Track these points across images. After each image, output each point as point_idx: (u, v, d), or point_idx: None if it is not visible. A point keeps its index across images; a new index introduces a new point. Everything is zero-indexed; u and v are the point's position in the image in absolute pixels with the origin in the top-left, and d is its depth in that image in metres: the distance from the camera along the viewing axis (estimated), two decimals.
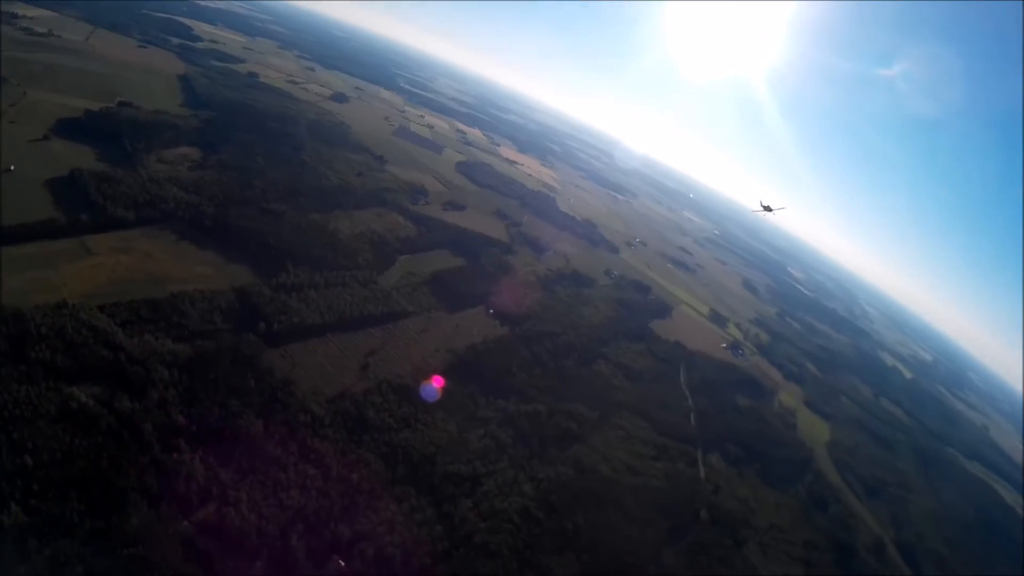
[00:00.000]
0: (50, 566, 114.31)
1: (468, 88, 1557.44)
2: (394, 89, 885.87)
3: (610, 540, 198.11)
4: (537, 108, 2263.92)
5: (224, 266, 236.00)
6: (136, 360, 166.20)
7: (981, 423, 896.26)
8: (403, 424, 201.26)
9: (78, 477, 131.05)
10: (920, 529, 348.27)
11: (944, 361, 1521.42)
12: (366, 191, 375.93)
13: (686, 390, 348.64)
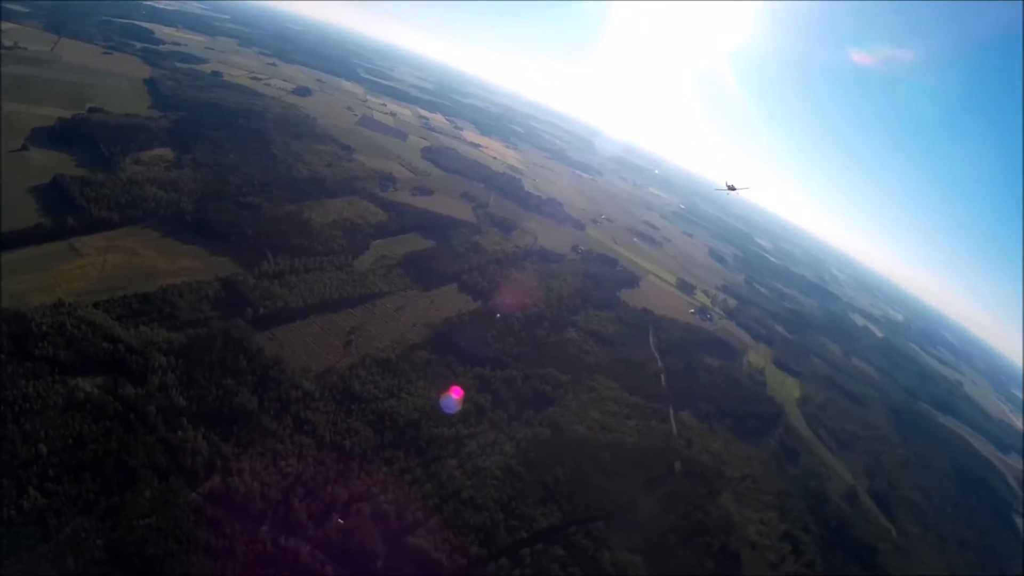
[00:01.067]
0: (71, 542, 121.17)
1: (428, 75, 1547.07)
2: (355, 80, 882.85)
3: (588, 491, 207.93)
4: (499, 92, 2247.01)
5: (208, 258, 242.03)
6: (134, 350, 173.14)
7: (955, 378, 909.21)
8: (388, 394, 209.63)
9: (90, 460, 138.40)
10: (893, 478, 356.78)
11: (916, 320, 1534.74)
12: (336, 180, 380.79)
13: (655, 352, 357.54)
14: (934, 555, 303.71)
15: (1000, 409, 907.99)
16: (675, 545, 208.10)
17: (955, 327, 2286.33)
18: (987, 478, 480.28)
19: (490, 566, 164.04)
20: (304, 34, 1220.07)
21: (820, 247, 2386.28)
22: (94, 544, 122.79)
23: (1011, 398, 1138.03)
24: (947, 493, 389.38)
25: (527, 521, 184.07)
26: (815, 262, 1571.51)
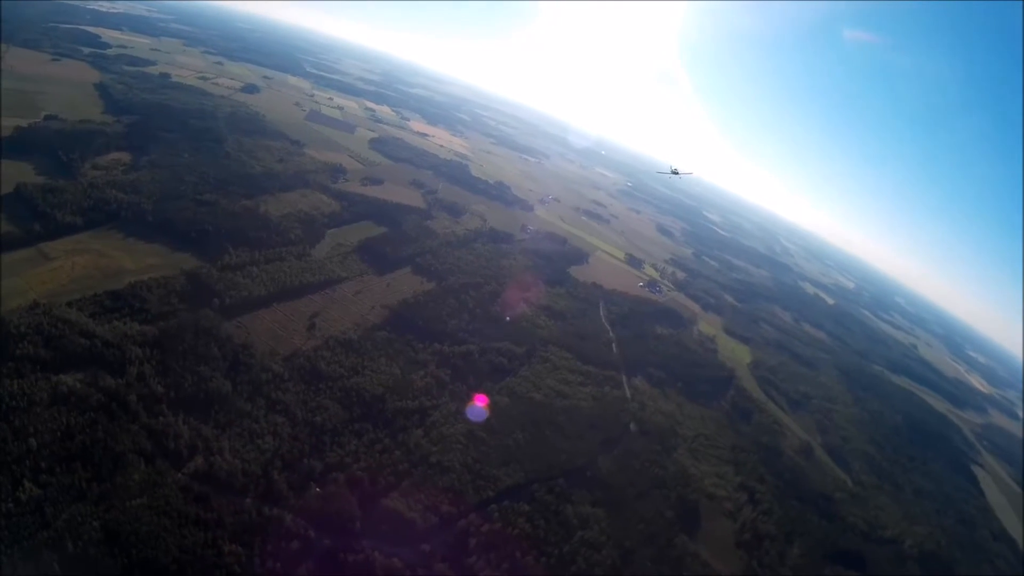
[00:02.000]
0: (69, 527, 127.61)
1: (374, 66, 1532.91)
2: (301, 75, 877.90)
3: (548, 452, 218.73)
4: (445, 80, 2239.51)
5: (171, 255, 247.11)
6: (111, 344, 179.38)
7: (909, 342, 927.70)
8: (353, 372, 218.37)
9: (79, 450, 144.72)
10: (846, 434, 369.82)
11: (868, 288, 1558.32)
12: (289, 174, 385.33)
13: (606, 324, 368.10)
14: (891, 502, 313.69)
15: (956, 369, 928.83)
16: (634, 498, 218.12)
17: (909, 293, 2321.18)
18: (943, 432, 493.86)
19: (460, 523, 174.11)
20: (249, 32, 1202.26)
21: (771, 220, 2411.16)
22: (91, 527, 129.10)
23: (966, 359, 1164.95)
24: (902, 446, 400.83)
25: (492, 481, 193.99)
26: (765, 234, 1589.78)
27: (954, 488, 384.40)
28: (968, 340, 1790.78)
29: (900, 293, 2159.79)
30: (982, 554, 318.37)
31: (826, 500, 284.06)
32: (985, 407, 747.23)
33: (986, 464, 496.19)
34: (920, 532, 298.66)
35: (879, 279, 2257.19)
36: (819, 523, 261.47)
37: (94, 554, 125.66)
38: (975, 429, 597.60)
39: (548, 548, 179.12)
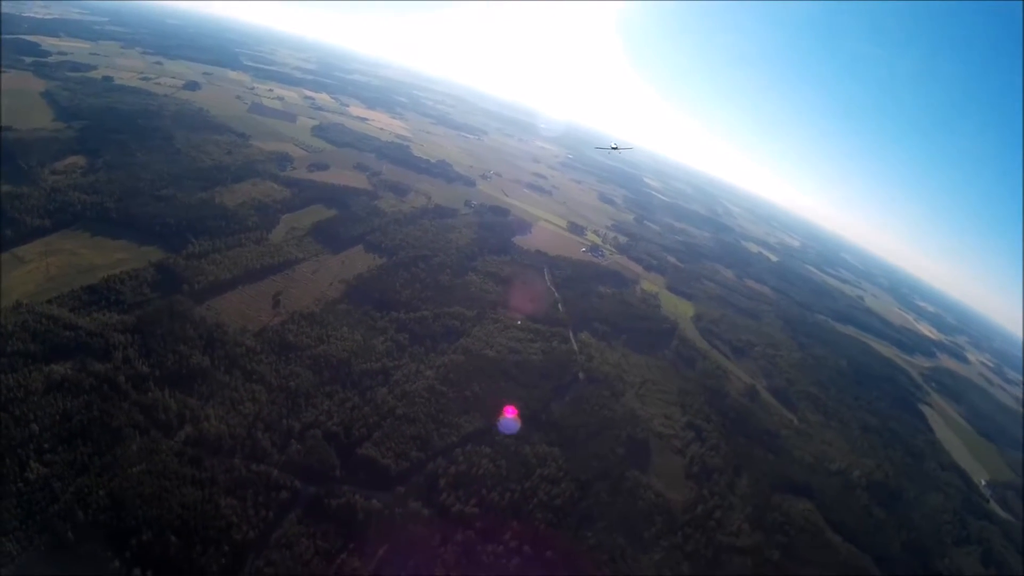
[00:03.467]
0: (77, 498, 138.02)
1: (309, 55, 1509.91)
2: (240, 68, 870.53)
3: (504, 401, 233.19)
4: (380, 64, 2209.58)
5: (138, 249, 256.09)
6: (94, 333, 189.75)
7: (855, 294, 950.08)
8: (319, 341, 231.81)
9: (78, 429, 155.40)
10: (791, 377, 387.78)
11: (815, 245, 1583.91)
12: (238, 166, 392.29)
13: (551, 287, 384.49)
14: (836, 437, 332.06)
15: (904, 318, 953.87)
16: (587, 438, 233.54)
17: (856, 250, 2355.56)
18: (889, 375, 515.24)
19: (429, 466, 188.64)
20: (181, 28, 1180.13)
21: (715, 185, 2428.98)
22: (97, 496, 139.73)
23: (915, 308, 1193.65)
24: (847, 387, 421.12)
25: (455, 428, 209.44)
26: (708, 198, 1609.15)
27: (901, 425, 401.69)
28: (916, 291, 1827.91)
29: (848, 250, 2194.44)
30: (931, 482, 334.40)
31: (772, 437, 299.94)
32: (934, 352, 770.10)
33: (934, 404, 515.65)
34: (868, 464, 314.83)
35: (826, 237, 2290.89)
36: (766, 457, 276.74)
37: (104, 519, 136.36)
38: (923, 372, 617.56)
39: (511, 484, 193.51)
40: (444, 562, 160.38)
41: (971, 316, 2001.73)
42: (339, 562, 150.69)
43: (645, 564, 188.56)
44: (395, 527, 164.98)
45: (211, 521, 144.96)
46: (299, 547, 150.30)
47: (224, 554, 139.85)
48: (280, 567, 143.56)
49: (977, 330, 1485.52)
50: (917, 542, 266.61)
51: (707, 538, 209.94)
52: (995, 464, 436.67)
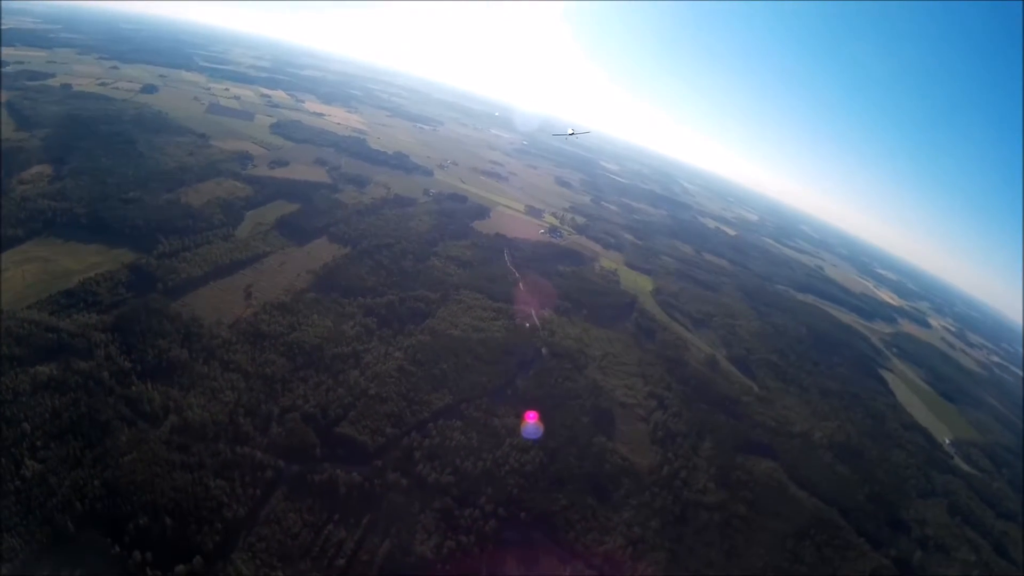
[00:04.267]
0: (74, 490, 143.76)
1: (262, 53, 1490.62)
2: (195, 70, 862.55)
3: (472, 377, 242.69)
4: (333, 59, 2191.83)
5: (110, 252, 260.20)
6: (75, 334, 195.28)
7: (814, 264, 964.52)
8: (291, 329, 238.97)
9: (68, 425, 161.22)
10: (750, 346, 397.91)
11: (772, 219, 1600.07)
12: (201, 166, 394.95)
13: (511, 267, 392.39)
14: (797, 402, 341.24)
15: (864, 286, 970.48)
16: (553, 408, 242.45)
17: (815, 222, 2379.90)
18: (849, 341, 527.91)
19: (404, 440, 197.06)
20: (135, 32, 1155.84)
21: (671, 165, 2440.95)
22: (93, 486, 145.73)
23: (875, 276, 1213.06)
24: (806, 354, 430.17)
25: (426, 405, 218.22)
26: (665, 178, 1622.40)
27: (862, 388, 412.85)
28: (877, 260, 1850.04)
29: (807, 222, 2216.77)
30: (893, 441, 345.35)
31: (733, 403, 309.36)
32: (895, 318, 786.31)
33: (895, 368, 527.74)
34: (829, 426, 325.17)
35: (785, 211, 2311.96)
36: (728, 422, 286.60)
37: (101, 508, 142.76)
38: (884, 338, 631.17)
39: (483, 454, 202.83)
40: (424, 527, 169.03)
41: (933, 282, 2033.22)
42: (326, 533, 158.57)
43: (616, 522, 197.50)
44: (376, 498, 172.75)
45: (203, 502, 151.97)
46: (287, 522, 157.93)
47: (217, 532, 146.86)
48: (271, 541, 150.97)
49: (939, 296, 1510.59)
50: (881, 495, 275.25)
51: (674, 496, 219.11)
52: (958, 424, 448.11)
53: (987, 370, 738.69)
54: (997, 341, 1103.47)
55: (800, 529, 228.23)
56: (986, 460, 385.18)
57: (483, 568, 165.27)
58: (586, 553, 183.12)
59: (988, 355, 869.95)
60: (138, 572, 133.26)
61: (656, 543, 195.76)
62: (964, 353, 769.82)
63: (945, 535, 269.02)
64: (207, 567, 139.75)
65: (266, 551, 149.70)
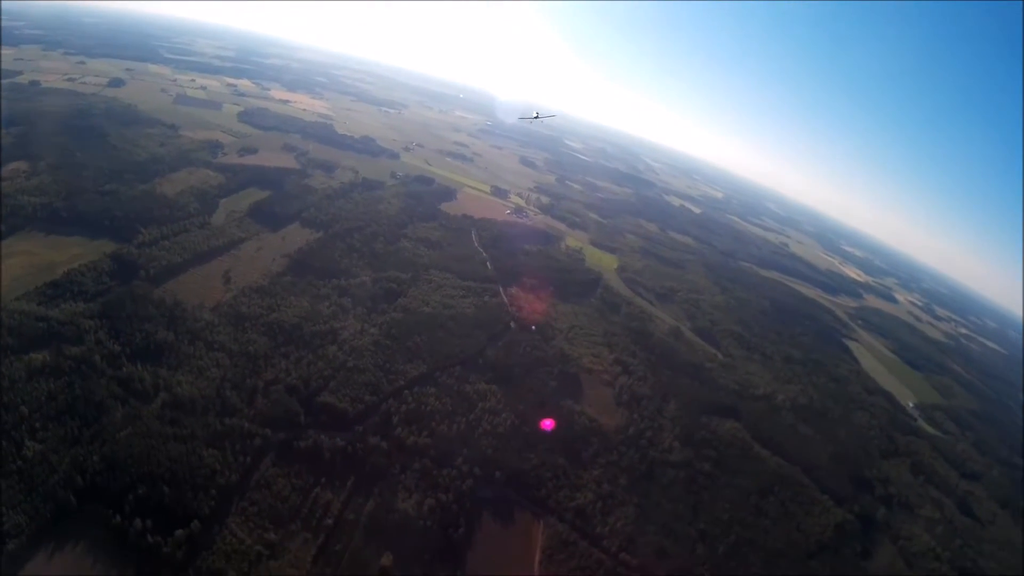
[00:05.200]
0: (73, 466, 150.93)
1: (226, 43, 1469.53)
2: (160, 62, 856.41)
3: (444, 348, 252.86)
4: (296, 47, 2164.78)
5: (91, 243, 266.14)
6: (64, 322, 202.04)
7: (780, 241, 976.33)
8: (270, 310, 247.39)
9: (65, 407, 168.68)
10: (714, 318, 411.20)
11: (738, 196, 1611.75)
12: (173, 157, 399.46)
13: (479, 247, 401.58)
14: (760, 368, 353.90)
15: (830, 262, 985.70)
16: (522, 375, 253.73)
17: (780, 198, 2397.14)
18: (813, 313, 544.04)
19: (383, 407, 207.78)
20: (98, 26, 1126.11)
21: (637, 143, 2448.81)
22: (92, 461, 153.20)
23: (842, 253, 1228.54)
24: (769, 325, 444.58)
25: (401, 374, 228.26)
26: (630, 156, 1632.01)
27: (825, 356, 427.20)
28: (844, 237, 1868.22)
29: (774, 199, 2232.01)
30: (856, 404, 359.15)
31: (697, 369, 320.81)
32: (860, 293, 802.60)
33: (860, 338, 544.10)
34: (792, 390, 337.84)
35: (750, 189, 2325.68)
36: (692, 385, 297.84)
37: (101, 482, 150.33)
38: (849, 311, 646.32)
39: (457, 418, 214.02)
40: (405, 487, 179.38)
41: (901, 259, 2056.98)
42: (313, 495, 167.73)
43: (586, 479, 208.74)
44: (358, 461, 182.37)
45: (197, 470, 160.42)
46: (277, 486, 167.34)
47: (212, 497, 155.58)
48: (262, 505, 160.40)
49: (907, 272, 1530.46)
50: (844, 455, 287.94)
51: (641, 455, 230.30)
52: (923, 389, 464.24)
53: (954, 340, 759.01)
54: (965, 314, 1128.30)
55: (764, 486, 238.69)
56: (951, 423, 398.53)
57: (462, 523, 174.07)
58: (558, 508, 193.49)
59: (956, 327, 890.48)
60: (139, 539, 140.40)
61: (624, 499, 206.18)
62: (931, 325, 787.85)
63: (909, 493, 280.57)
64: (204, 531, 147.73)
65: (258, 514, 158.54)
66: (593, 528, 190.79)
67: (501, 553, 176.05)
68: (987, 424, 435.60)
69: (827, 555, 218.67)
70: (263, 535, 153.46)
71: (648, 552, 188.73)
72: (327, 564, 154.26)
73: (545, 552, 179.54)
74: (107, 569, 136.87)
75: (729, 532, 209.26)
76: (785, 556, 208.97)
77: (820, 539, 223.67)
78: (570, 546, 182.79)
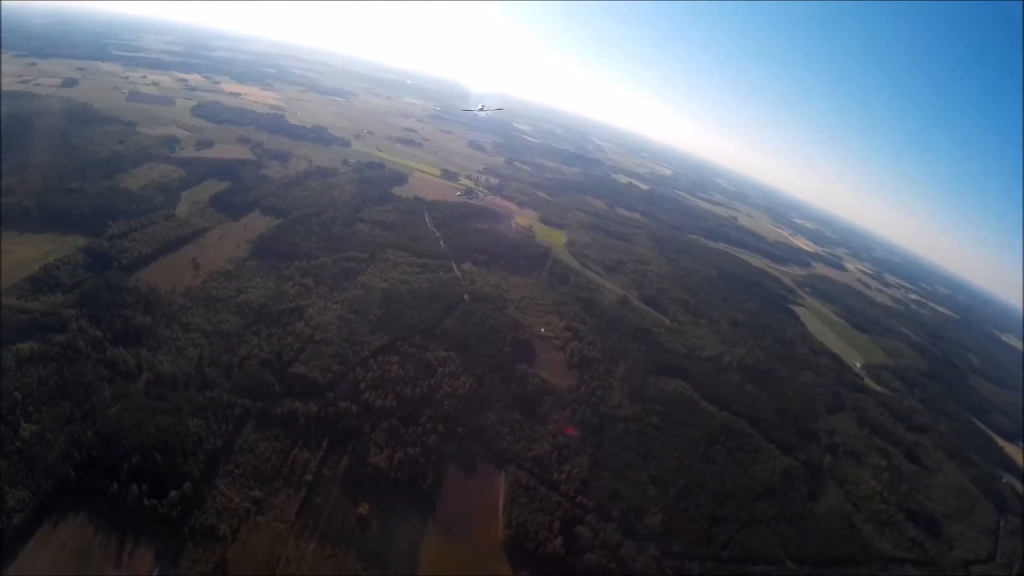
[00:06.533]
0: (69, 442, 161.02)
1: (174, 37, 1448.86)
2: (110, 59, 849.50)
3: (404, 320, 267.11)
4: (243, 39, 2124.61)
5: (63, 239, 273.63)
6: (46, 313, 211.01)
7: (729, 214, 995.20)
8: (238, 292, 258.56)
9: (56, 390, 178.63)
10: (661, 287, 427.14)
11: (687, 173, 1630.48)
12: (133, 153, 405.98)
13: (432, 227, 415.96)
14: (707, 332, 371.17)
15: (779, 234, 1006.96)
16: (478, 342, 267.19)
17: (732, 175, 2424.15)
18: (761, 282, 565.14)
19: (350, 375, 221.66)
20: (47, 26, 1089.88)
21: (585, 123, 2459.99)
22: (87, 437, 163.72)
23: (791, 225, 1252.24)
24: (716, 293, 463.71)
25: (366, 345, 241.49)
26: (578, 136, 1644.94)
27: (772, 321, 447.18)
28: (795, 210, 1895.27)
29: (724, 176, 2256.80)
30: (802, 364, 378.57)
31: (645, 333, 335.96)
32: (809, 262, 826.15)
33: (807, 304, 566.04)
34: (738, 352, 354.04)
35: (701, 166, 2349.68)
36: (640, 349, 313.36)
37: (97, 454, 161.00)
38: (797, 279, 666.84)
39: (419, 382, 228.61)
40: (376, 444, 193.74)
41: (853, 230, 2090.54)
42: (292, 455, 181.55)
43: (542, 433, 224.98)
44: (331, 423, 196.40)
45: (184, 439, 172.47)
46: (258, 449, 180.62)
47: (201, 461, 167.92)
48: (247, 467, 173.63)
49: (857, 242, 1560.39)
50: (791, 410, 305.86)
51: (592, 410, 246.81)
52: (871, 350, 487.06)
53: (903, 305, 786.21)
54: (915, 281, 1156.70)
55: (711, 436, 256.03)
56: (898, 382, 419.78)
57: (430, 474, 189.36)
58: (518, 459, 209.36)
59: (906, 293, 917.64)
60: (137, 503, 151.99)
61: (579, 449, 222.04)
62: (880, 292, 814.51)
63: (855, 444, 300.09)
64: (196, 492, 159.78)
65: (244, 475, 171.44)
66: (551, 475, 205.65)
67: (468, 499, 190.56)
68: (936, 382, 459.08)
69: (775, 497, 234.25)
70: (250, 493, 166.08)
71: (603, 495, 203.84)
72: (309, 516, 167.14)
73: (508, 496, 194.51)
74: (109, 533, 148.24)
75: (679, 477, 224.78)
76: (733, 497, 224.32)
77: (767, 483, 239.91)
78: (531, 491, 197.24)
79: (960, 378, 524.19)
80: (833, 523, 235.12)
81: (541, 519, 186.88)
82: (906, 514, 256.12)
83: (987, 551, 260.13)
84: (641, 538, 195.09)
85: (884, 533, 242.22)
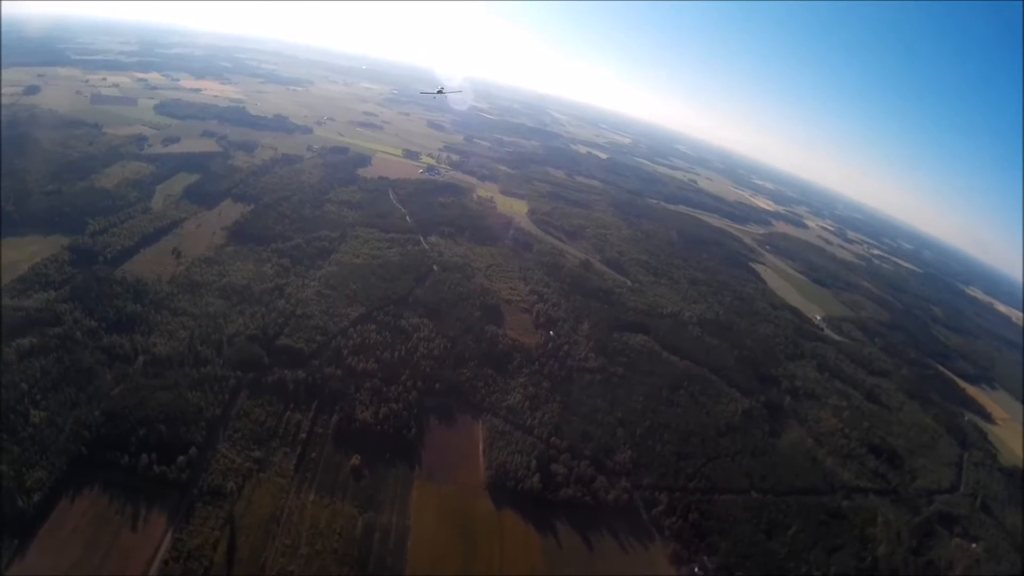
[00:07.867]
0: (78, 424, 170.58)
1: (127, 37, 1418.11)
2: (69, 64, 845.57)
3: (377, 292, 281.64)
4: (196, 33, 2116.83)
5: (46, 240, 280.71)
6: (41, 309, 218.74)
7: (688, 179, 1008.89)
8: (220, 276, 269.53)
9: (60, 377, 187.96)
10: (621, 250, 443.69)
11: (646, 141, 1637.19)
12: (103, 153, 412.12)
13: (397, 204, 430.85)
14: (667, 291, 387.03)
15: (739, 195, 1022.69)
16: (448, 308, 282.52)
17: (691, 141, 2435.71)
18: (720, 241, 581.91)
19: (332, 343, 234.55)
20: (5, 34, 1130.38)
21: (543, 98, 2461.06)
22: (94, 416, 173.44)
23: (752, 186, 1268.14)
24: (676, 253, 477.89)
25: (344, 316, 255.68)
26: (535, 111, 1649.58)
27: (731, 278, 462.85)
28: (755, 172, 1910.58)
29: (684, 142, 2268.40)
30: (762, 318, 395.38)
31: (607, 294, 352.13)
32: (769, 221, 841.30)
33: (767, 262, 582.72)
34: (698, 308, 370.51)
35: (659, 134, 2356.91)
36: (603, 308, 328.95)
37: (106, 431, 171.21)
38: (757, 238, 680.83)
39: (397, 346, 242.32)
40: (361, 402, 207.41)
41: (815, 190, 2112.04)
42: (286, 418, 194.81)
43: (514, 385, 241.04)
44: (319, 387, 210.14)
45: (185, 410, 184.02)
46: (254, 414, 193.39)
47: (202, 428, 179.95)
48: (244, 431, 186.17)
49: (819, 200, 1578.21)
50: (750, 358, 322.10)
51: (560, 364, 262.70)
52: (831, 304, 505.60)
53: (865, 261, 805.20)
54: (879, 237, 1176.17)
55: (674, 383, 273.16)
56: (859, 332, 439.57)
57: (413, 426, 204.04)
58: (493, 409, 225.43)
59: (868, 249, 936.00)
60: (147, 470, 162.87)
61: (549, 398, 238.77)
62: (841, 248, 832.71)
63: (815, 387, 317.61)
64: (200, 456, 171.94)
65: (243, 438, 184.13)
66: (525, 421, 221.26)
67: (449, 446, 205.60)
68: (898, 332, 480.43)
69: (737, 434, 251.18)
70: (250, 453, 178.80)
71: (574, 436, 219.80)
72: (307, 470, 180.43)
73: (487, 441, 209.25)
74: (124, 500, 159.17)
75: (644, 419, 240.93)
76: (697, 435, 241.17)
77: (730, 422, 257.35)
78: (506, 435, 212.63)
79: (923, 328, 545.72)
80: (796, 456, 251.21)
81: (519, 460, 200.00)
82: (868, 448, 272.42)
83: (950, 482, 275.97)
84: (612, 473, 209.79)
85: (846, 465, 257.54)
